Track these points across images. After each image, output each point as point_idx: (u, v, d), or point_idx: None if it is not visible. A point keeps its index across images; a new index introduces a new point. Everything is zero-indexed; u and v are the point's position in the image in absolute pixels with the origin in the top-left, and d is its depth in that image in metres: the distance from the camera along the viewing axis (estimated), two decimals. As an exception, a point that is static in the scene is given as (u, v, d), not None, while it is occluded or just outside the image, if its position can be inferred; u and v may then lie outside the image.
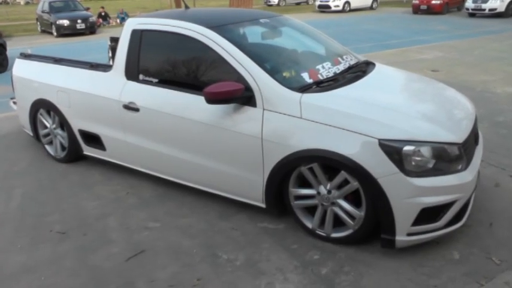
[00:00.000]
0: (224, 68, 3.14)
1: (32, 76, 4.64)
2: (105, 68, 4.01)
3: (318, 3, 26.76)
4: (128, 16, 24.02)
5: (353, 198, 2.87)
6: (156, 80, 3.56)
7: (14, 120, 5.94)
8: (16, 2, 69.04)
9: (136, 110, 3.59)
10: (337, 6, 25.75)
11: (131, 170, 4.05)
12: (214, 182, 3.40)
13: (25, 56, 4.95)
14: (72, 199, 3.86)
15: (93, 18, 19.64)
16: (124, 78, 3.74)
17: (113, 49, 5.66)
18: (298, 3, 35.67)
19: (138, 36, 3.67)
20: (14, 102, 5.23)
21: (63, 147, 4.62)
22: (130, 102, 3.63)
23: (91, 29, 18.89)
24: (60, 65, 4.41)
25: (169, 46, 3.55)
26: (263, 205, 3.22)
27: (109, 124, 3.91)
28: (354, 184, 2.73)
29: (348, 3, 26.09)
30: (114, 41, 5.66)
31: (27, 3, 67.39)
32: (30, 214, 3.64)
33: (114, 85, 3.78)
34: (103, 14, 23.04)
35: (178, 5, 25.50)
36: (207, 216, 3.46)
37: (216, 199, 3.64)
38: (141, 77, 3.65)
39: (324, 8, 26.12)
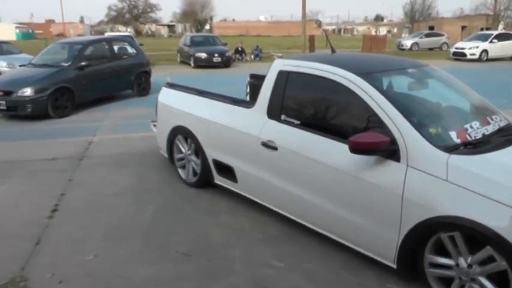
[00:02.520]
0: (369, 117, 3.27)
1: (175, 104, 5.37)
2: (247, 104, 4.46)
3: (453, 50, 26.04)
4: (262, 53, 25.95)
5: (498, 279, 2.66)
6: (298, 122, 3.83)
7: (152, 140, 6.78)
8: (161, 34, 79.64)
9: (275, 148, 3.88)
10: (473, 54, 24.50)
11: (257, 204, 4.33)
12: (343, 230, 3.47)
13: (171, 85, 5.75)
14: (199, 223, 4.25)
15: (229, 53, 21.72)
16: (265, 117, 4.09)
17: (252, 85, 6.22)
18: (431, 49, 35.05)
19: (284, 77, 4.03)
20: (154, 125, 6.03)
21: (195, 173, 5.15)
22: (269, 141, 3.94)
23: (226, 63, 20.83)
24: (203, 97, 5.04)
25: (315, 89, 3.85)
26: (394, 265, 3.16)
27: (244, 158, 4.28)
28: (502, 264, 2.56)
29: (485, 51, 24.63)
30: (254, 77, 6.24)
31: (169, 36, 77.40)
32: (159, 231, 4.11)
33: (255, 122, 4.16)
34: (240, 49, 25.25)
35: (312, 44, 26.70)
36: (332, 264, 3.51)
37: (340, 247, 3.66)
38: (283, 117, 3.96)
39: (459, 56, 25.07)
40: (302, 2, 28.49)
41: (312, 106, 3.90)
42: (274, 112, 4.02)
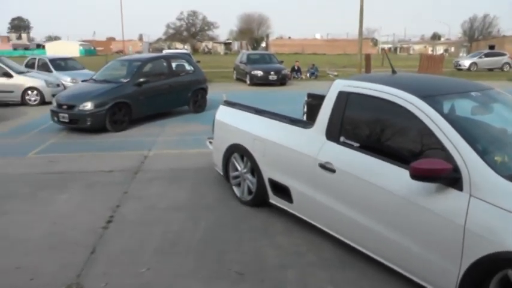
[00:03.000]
0: (431, 142, 3.20)
1: (232, 122, 5.49)
2: (305, 124, 4.48)
3: None
4: (318, 71, 25.97)
5: None
6: (357, 145, 3.80)
7: (207, 157, 6.94)
8: (217, 52, 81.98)
9: (333, 171, 3.86)
10: None
11: (313, 226, 4.29)
12: (400, 258, 3.36)
13: (228, 104, 5.89)
14: (253, 243, 4.27)
15: (285, 71, 21.93)
16: (324, 138, 4.09)
17: (309, 105, 6.25)
18: (491, 69, 33.49)
19: (344, 98, 4.02)
20: (210, 142, 6.17)
21: (250, 191, 5.20)
22: (327, 162, 3.92)
23: (282, 81, 21.05)
24: (261, 116, 5.12)
25: (375, 111, 3.81)
26: None
27: (301, 179, 4.28)
28: None
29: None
30: (311, 97, 6.26)
31: (226, 53, 79.55)
32: (212, 248, 4.17)
33: (313, 143, 4.16)
34: (296, 68, 25.44)
35: (368, 63, 26.40)
36: (394, 295, 3.38)
37: (397, 276, 3.52)
38: (342, 138, 3.94)
39: None
40: (359, 20, 28.29)
41: (372, 129, 3.86)
42: (333, 133, 4.01)
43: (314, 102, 6.16)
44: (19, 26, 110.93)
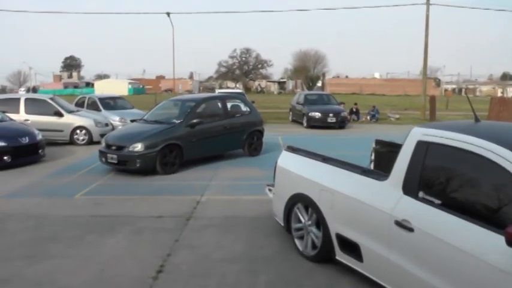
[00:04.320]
0: None
1: (296, 169, 5.47)
2: (379, 176, 4.38)
3: None
4: (379, 113, 25.70)
5: None
6: (439, 201, 3.66)
7: (264, 205, 6.92)
8: (270, 91, 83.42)
9: (410, 230, 3.71)
10: None
11: (385, 288, 4.09)
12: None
13: (292, 149, 5.90)
14: (318, 303, 4.10)
15: (345, 113, 21.89)
16: (400, 192, 3.98)
17: (377, 153, 6.16)
18: None
19: (423, 148, 3.92)
20: (270, 189, 6.14)
21: (314, 246, 5.09)
22: (404, 220, 3.78)
23: (341, 124, 20.99)
24: (328, 164, 5.07)
25: (461, 165, 3.67)
26: None
27: (373, 236, 4.16)
28: None
29: None
30: (380, 144, 6.17)
31: (279, 92, 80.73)
32: (272, 307, 4.03)
33: (388, 197, 4.06)
34: (354, 110, 25.36)
35: (433, 105, 25.86)
36: None
37: None
38: (421, 194, 3.82)
39: None
40: (423, 59, 28.01)
41: (456, 184, 3.69)
42: (410, 187, 3.89)
43: (383, 150, 6.10)
44: (71, 65, 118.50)
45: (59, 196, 8.11)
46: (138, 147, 9.66)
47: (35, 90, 71.87)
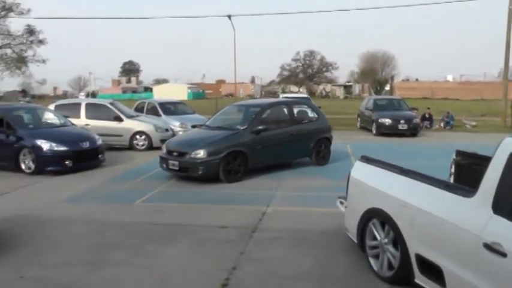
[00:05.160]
0: None
1: (372, 182, 5.29)
2: (465, 192, 4.13)
3: None
4: (454, 120, 24.75)
5: None
6: None
7: (334, 218, 6.77)
8: (335, 96, 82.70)
9: (502, 254, 3.47)
10: None
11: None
12: None
13: (367, 160, 5.73)
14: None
15: (417, 120, 21.32)
16: (490, 210, 3.74)
17: (458, 165, 5.89)
18: None
19: None
20: (341, 202, 5.97)
21: (390, 266, 4.90)
22: (495, 243, 3.54)
23: (413, 131, 20.38)
24: (407, 177, 4.85)
25: None
26: None
27: (458, 259, 3.93)
28: None
29: None
30: (461, 155, 5.90)
31: (345, 97, 79.79)
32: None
33: (475, 216, 3.83)
34: (427, 116, 24.56)
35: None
36: None
37: None
38: None
39: None
40: (504, 59, 26.18)
41: None
42: (502, 206, 3.65)
43: (464, 162, 5.85)
44: (129, 69, 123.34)
45: (119, 202, 8.35)
46: (201, 153, 9.76)
47: (94, 95, 75.31)
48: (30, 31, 28.39)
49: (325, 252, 5.75)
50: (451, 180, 5.85)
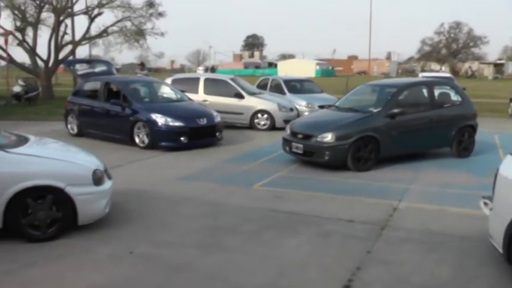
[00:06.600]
0: None
1: None
2: None
3: None
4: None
5: None
6: None
7: (478, 221, 6.38)
8: (483, 76, 77.74)
9: None
10: None
11: None
12: None
13: None
14: None
15: None
16: None
17: None
18: None
19: None
20: (486, 204, 5.56)
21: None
22: None
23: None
24: None
25: None
26: None
27: None
28: None
29: None
30: None
31: (495, 78, 74.60)
32: None
33: None
34: None
35: None
36: None
37: None
38: None
39: None
40: None
41: None
42: None
43: None
44: (253, 43, 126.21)
45: (236, 184, 8.59)
46: (328, 137, 9.69)
47: (213, 69, 78.22)
48: (150, 4, 30.14)
49: (464, 262, 5.43)
50: None
